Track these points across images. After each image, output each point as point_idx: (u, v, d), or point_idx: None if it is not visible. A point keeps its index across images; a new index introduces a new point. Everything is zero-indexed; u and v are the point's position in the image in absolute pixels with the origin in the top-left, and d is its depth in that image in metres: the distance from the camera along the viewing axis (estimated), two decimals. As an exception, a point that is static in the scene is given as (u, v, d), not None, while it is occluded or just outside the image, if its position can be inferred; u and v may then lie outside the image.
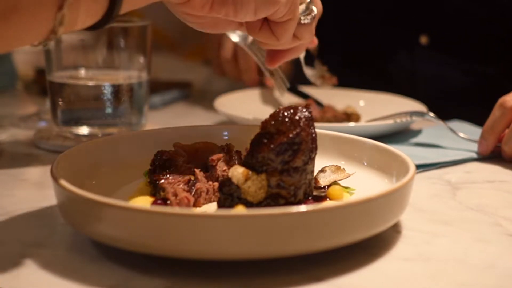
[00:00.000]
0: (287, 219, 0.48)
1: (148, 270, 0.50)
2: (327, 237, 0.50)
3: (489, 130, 0.81)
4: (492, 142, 0.81)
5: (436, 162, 0.79)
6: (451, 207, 0.66)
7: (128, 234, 0.50)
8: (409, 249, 0.56)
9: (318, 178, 0.64)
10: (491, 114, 0.81)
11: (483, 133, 0.82)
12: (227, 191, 0.57)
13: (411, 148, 0.85)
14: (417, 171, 0.73)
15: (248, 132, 0.67)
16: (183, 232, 0.48)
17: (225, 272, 0.50)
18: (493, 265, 0.53)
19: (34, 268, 0.51)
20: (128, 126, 0.86)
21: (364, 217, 0.52)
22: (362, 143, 0.70)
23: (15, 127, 0.95)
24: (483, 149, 0.82)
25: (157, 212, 0.49)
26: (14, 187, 0.70)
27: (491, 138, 0.81)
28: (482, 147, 0.82)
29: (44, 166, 0.76)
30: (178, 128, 0.73)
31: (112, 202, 0.49)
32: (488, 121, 0.81)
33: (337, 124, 0.89)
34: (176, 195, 0.58)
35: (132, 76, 0.87)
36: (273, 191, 0.56)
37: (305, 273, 0.50)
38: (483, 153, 0.82)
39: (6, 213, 0.62)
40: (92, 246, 0.54)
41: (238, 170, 0.56)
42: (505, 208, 0.66)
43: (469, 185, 0.73)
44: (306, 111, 0.58)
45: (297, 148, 0.56)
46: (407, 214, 0.61)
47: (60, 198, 0.55)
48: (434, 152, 0.84)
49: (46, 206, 0.63)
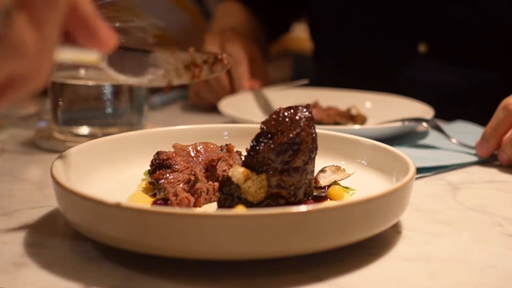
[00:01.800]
0: (287, 219, 0.48)
1: (148, 270, 0.50)
2: (327, 237, 0.50)
3: (491, 132, 0.80)
4: (493, 144, 0.80)
5: (438, 166, 0.78)
6: (451, 207, 0.66)
7: (128, 234, 0.50)
8: (409, 249, 0.56)
9: (318, 178, 0.64)
10: (494, 116, 0.80)
11: (485, 135, 0.81)
12: (227, 191, 0.57)
13: (416, 151, 0.84)
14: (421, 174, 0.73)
15: (248, 132, 0.67)
16: (183, 232, 0.48)
17: (225, 272, 0.50)
18: (493, 265, 0.53)
19: (34, 268, 0.51)
20: (128, 126, 0.86)
21: (364, 217, 0.52)
22: (362, 143, 0.70)
23: (15, 127, 0.95)
24: (483, 152, 0.81)
25: (157, 212, 0.49)
26: (14, 187, 0.70)
27: (493, 141, 0.80)
28: (483, 149, 0.81)
29: (44, 166, 0.76)
30: (178, 128, 0.73)
31: (112, 202, 0.49)
32: (490, 123, 0.80)
33: (341, 127, 0.88)
34: (177, 195, 0.58)
35: (132, 76, 0.87)
36: (273, 191, 0.56)
37: (305, 273, 0.50)
38: (484, 155, 0.81)
39: (6, 213, 0.62)
40: (92, 246, 0.54)
41: (238, 170, 0.56)
42: (505, 208, 0.66)
43: (469, 185, 0.73)
44: (306, 111, 0.58)
45: (297, 148, 0.56)
46: (407, 214, 0.61)
47: (60, 198, 0.55)
48: (437, 154, 0.83)
49: (46, 206, 0.63)
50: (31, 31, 0.40)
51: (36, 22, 0.40)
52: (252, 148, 0.57)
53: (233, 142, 0.67)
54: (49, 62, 0.42)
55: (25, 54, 0.40)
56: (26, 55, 0.40)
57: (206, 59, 0.58)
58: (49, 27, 0.41)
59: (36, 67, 0.41)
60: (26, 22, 0.40)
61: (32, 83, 0.42)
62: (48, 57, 0.42)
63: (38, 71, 0.42)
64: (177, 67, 0.57)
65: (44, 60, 0.42)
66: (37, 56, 0.41)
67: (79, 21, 0.46)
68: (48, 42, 0.41)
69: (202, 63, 0.58)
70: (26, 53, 0.40)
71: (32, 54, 0.40)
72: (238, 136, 0.73)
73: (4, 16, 0.38)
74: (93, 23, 0.47)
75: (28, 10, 0.40)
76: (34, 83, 0.42)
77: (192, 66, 0.58)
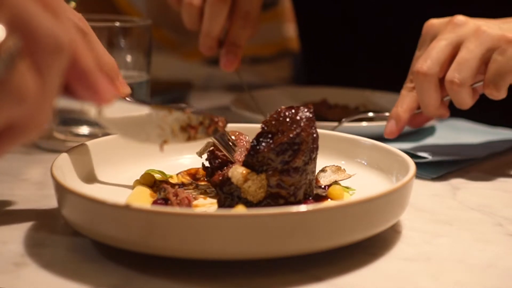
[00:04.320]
0: (287, 219, 0.48)
1: (148, 270, 0.50)
2: (327, 237, 0.50)
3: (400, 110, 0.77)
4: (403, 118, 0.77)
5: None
6: (451, 207, 0.66)
7: (128, 234, 0.50)
8: (409, 249, 0.56)
9: (318, 177, 0.64)
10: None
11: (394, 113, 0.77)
12: (227, 190, 0.57)
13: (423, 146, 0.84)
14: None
15: (248, 132, 0.67)
16: (183, 232, 0.48)
17: (225, 272, 0.50)
18: (493, 265, 0.53)
19: (34, 268, 0.51)
20: (128, 126, 0.85)
21: (364, 217, 0.52)
22: (362, 143, 0.70)
23: (15, 127, 0.95)
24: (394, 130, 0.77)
25: (157, 212, 0.49)
26: (14, 187, 0.70)
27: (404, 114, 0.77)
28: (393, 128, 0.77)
29: (44, 166, 0.76)
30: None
31: (112, 202, 0.49)
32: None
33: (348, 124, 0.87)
34: (177, 195, 0.58)
35: (132, 76, 0.87)
36: (273, 191, 0.56)
37: (305, 273, 0.50)
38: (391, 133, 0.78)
39: (6, 213, 0.62)
40: (92, 246, 0.54)
41: (238, 169, 0.57)
42: (505, 208, 0.66)
43: (469, 185, 0.73)
44: (307, 111, 0.58)
45: (297, 148, 0.56)
46: (407, 214, 0.61)
47: (60, 198, 0.55)
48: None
49: (46, 206, 0.63)
50: (33, 77, 0.40)
51: (39, 69, 0.40)
52: (253, 147, 0.57)
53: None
54: (49, 110, 0.42)
55: (26, 100, 0.39)
56: (26, 101, 0.39)
57: (201, 121, 0.59)
58: (52, 75, 0.41)
59: (36, 114, 0.41)
60: (29, 68, 0.39)
61: (31, 131, 0.41)
62: (48, 105, 0.41)
63: (37, 119, 0.41)
64: (173, 128, 0.58)
65: (44, 108, 0.41)
66: (37, 103, 0.40)
67: (79, 73, 0.46)
68: (49, 90, 0.41)
69: (198, 125, 0.59)
70: (27, 99, 0.39)
71: (32, 101, 0.40)
72: (238, 136, 0.73)
73: (8, 61, 0.38)
74: (93, 77, 0.47)
75: (32, 56, 0.40)
76: (33, 130, 0.42)
77: (188, 127, 0.59)
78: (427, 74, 0.73)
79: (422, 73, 0.73)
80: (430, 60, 0.73)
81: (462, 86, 0.72)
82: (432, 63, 0.73)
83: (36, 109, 0.40)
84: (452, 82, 0.72)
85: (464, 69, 0.72)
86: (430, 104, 0.74)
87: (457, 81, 0.72)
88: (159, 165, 0.68)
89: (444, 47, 0.73)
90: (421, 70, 0.73)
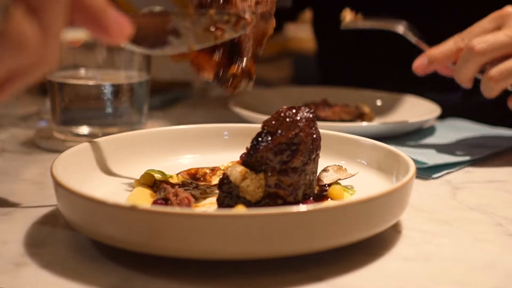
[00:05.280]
0: (287, 219, 0.48)
1: (148, 270, 0.50)
2: (327, 237, 0.50)
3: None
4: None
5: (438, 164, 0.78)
6: (451, 207, 0.66)
7: (128, 234, 0.50)
8: (409, 249, 0.56)
9: (321, 177, 0.64)
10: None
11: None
12: (227, 189, 0.57)
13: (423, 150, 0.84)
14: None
15: (248, 132, 0.67)
16: (183, 232, 0.48)
17: (225, 272, 0.50)
18: (493, 265, 0.53)
19: (34, 268, 0.51)
20: (128, 126, 0.86)
21: (364, 217, 0.52)
22: (362, 143, 0.70)
23: (15, 127, 0.95)
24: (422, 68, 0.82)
25: (157, 212, 0.49)
26: (14, 187, 0.70)
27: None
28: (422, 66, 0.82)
29: (44, 166, 0.76)
30: (178, 128, 0.73)
31: (112, 202, 0.49)
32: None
33: (348, 124, 0.88)
34: (177, 195, 0.58)
35: (132, 76, 0.87)
36: (271, 190, 0.56)
37: (305, 273, 0.50)
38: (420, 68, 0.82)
39: (6, 213, 0.62)
40: (92, 246, 0.54)
41: (237, 169, 0.57)
42: (505, 208, 0.66)
43: (469, 185, 0.73)
44: (308, 112, 0.58)
45: (295, 149, 0.56)
46: (407, 214, 0.61)
47: (60, 198, 0.55)
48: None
49: (46, 206, 0.63)
50: (31, 24, 0.38)
51: (37, 14, 0.39)
52: (252, 147, 0.57)
53: (233, 142, 0.67)
54: (55, 50, 0.40)
55: (26, 48, 0.38)
56: (27, 49, 0.38)
57: (228, 19, 0.57)
58: (51, 18, 0.39)
59: (40, 59, 0.39)
60: (25, 14, 0.38)
61: (37, 75, 0.40)
62: (52, 48, 0.40)
63: (42, 63, 0.40)
64: (196, 31, 0.56)
65: (48, 52, 0.40)
66: (40, 48, 0.39)
67: (86, 14, 0.42)
68: (51, 34, 0.39)
69: (224, 24, 0.57)
70: (28, 48, 0.38)
71: (34, 48, 0.38)
72: (238, 136, 0.73)
73: (1, 11, 0.37)
74: (102, 16, 0.43)
75: (27, 2, 0.38)
76: (40, 70, 0.40)
77: (214, 28, 0.56)
78: (478, 55, 0.77)
79: (475, 51, 0.77)
80: (488, 46, 0.77)
81: (497, 84, 0.76)
82: (487, 49, 0.77)
83: (40, 55, 0.39)
84: (491, 78, 0.76)
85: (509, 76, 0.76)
86: (465, 75, 0.79)
87: (495, 79, 0.76)
88: (159, 165, 0.68)
89: (505, 44, 0.77)
90: (475, 48, 0.77)
